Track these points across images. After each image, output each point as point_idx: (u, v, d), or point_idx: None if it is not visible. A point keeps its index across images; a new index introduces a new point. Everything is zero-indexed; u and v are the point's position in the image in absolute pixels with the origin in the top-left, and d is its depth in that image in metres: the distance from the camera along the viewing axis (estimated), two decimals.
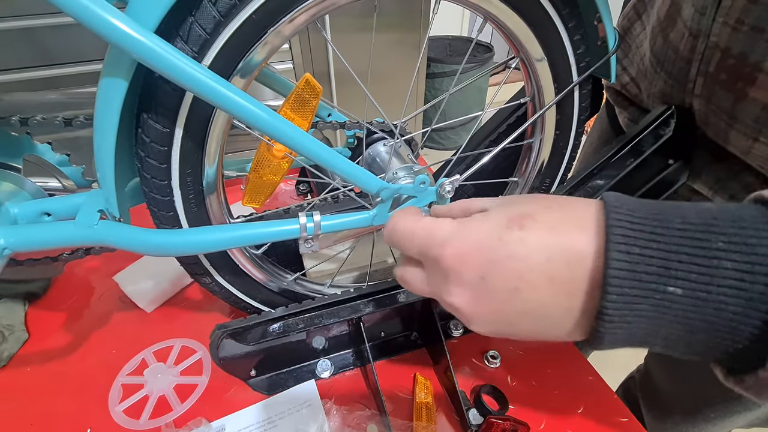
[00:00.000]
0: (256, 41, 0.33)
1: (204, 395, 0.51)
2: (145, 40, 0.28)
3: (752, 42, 0.35)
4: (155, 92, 0.33)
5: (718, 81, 0.39)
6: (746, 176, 0.42)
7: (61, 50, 1.14)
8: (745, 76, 0.36)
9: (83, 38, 1.14)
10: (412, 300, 0.52)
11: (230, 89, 0.31)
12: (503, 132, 0.57)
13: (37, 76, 1.13)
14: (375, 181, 0.40)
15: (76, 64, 1.16)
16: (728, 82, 0.38)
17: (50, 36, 1.12)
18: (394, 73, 1.56)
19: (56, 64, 1.15)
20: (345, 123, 0.52)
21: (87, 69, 1.16)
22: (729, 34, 0.37)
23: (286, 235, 0.40)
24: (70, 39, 1.14)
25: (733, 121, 0.39)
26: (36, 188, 0.41)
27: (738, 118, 0.39)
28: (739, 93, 0.37)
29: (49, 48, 1.14)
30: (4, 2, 1.05)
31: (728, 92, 0.38)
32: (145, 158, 0.35)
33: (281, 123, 0.33)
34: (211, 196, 0.41)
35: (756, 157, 0.39)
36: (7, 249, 0.35)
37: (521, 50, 0.43)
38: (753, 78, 0.36)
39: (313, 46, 1.39)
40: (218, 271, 0.47)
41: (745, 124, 0.38)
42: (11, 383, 0.52)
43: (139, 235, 0.37)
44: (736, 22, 0.36)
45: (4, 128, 0.39)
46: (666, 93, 0.45)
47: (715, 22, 0.37)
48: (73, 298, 0.62)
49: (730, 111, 0.39)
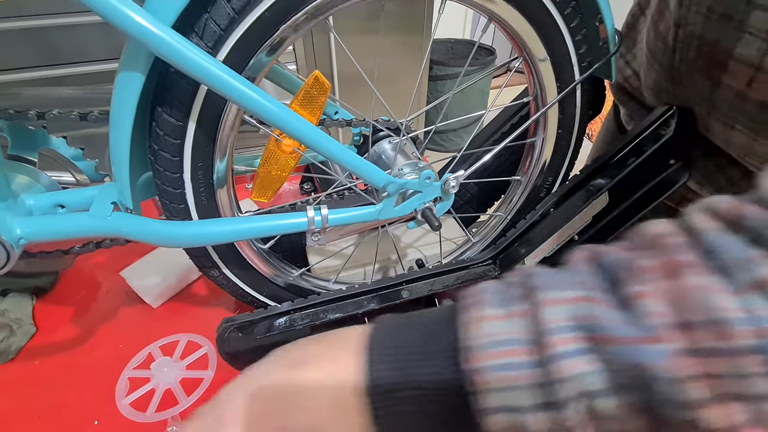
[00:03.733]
0: (268, 38, 0.34)
1: (210, 389, 0.51)
2: (164, 35, 0.29)
3: (722, 29, 0.36)
4: (170, 86, 0.34)
5: (698, 68, 0.40)
6: (730, 169, 0.43)
7: (66, 50, 1.16)
8: (719, 63, 0.37)
9: (88, 38, 1.15)
10: (416, 295, 0.53)
11: (244, 84, 0.32)
12: (506, 131, 0.58)
13: (42, 76, 1.15)
14: (382, 176, 0.41)
15: (81, 64, 1.17)
16: (705, 68, 0.39)
17: (56, 36, 1.13)
18: (396, 75, 1.57)
19: (61, 64, 1.16)
20: (351, 121, 0.53)
21: (92, 69, 1.17)
22: (702, 22, 0.38)
23: (294, 228, 0.41)
24: (76, 39, 1.15)
25: (712, 108, 0.40)
26: (50, 181, 0.42)
27: (716, 105, 0.40)
28: (715, 80, 0.39)
29: (55, 48, 1.15)
30: (9, 3, 1.06)
31: (706, 79, 0.40)
32: (158, 151, 0.36)
33: (293, 117, 0.34)
34: (221, 190, 0.41)
35: (735, 146, 0.40)
36: (23, 239, 0.36)
37: (525, 50, 0.44)
38: (725, 64, 0.37)
39: (317, 47, 1.41)
40: (226, 264, 0.47)
41: (722, 112, 0.39)
42: (19, 376, 0.52)
43: (152, 226, 0.37)
44: (707, 10, 0.37)
45: (21, 122, 0.40)
46: (658, 84, 0.46)
47: (689, 11, 0.39)
48: (81, 292, 0.63)
49: (708, 98, 0.40)
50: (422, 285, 0.54)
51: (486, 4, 0.39)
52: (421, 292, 0.53)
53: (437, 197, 0.46)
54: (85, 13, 1.10)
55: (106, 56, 1.16)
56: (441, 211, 0.48)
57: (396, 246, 0.61)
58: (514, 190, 0.58)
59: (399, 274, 0.54)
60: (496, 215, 0.60)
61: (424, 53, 1.58)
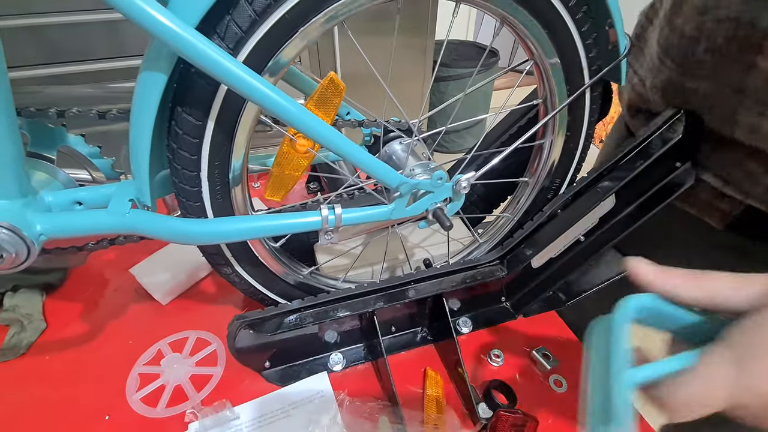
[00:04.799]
0: (287, 40, 0.35)
1: (219, 385, 0.52)
2: (188, 36, 0.29)
3: (761, 8, 0.36)
4: (191, 87, 0.34)
5: (728, 54, 0.40)
6: (749, 163, 0.43)
7: (71, 48, 1.16)
8: (754, 45, 0.37)
9: (93, 36, 1.15)
10: (423, 295, 0.54)
11: (264, 84, 0.33)
12: (515, 133, 0.59)
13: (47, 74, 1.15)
14: (396, 176, 0.42)
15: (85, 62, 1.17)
16: (738, 53, 0.39)
17: (60, 34, 1.14)
18: (401, 76, 1.58)
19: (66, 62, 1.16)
20: (363, 121, 0.54)
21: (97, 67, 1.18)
22: (738, 4, 0.38)
23: (308, 226, 0.41)
24: (80, 37, 1.15)
25: (741, 96, 0.40)
26: (68, 178, 0.43)
27: (746, 92, 0.39)
28: (749, 64, 0.38)
29: (59, 46, 1.15)
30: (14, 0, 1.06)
31: (737, 64, 0.39)
32: (177, 150, 0.37)
33: (311, 118, 0.35)
34: (236, 189, 0.42)
35: (764, 137, 0.40)
36: (43, 235, 0.36)
37: (535, 53, 0.45)
38: (760, 46, 0.37)
39: (321, 49, 1.41)
40: (239, 261, 0.48)
41: (754, 99, 0.39)
42: (30, 371, 0.53)
43: (169, 223, 0.38)
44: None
45: (41, 120, 0.41)
46: (670, 82, 0.46)
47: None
48: (90, 289, 0.63)
49: (738, 85, 0.40)
50: (429, 284, 0.55)
51: (498, 7, 0.40)
52: (429, 292, 0.54)
53: (448, 197, 0.47)
54: (90, 11, 1.10)
55: (110, 54, 1.17)
56: (451, 212, 0.49)
57: (404, 246, 0.61)
58: (521, 192, 0.59)
59: (407, 274, 0.54)
60: (503, 216, 0.61)
61: (428, 55, 1.58)
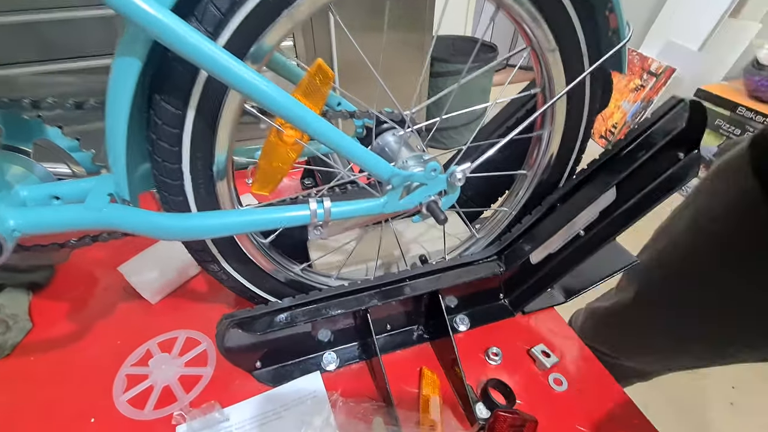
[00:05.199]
0: (271, 23, 0.33)
1: (209, 386, 0.51)
2: (163, 18, 0.28)
3: None
4: (168, 73, 0.33)
5: None
6: None
7: (64, 45, 1.15)
8: None
9: (86, 33, 1.14)
10: (419, 292, 0.52)
11: (247, 70, 0.31)
12: (512, 125, 0.57)
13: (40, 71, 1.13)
14: (387, 168, 0.40)
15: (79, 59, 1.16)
16: None
17: (53, 30, 1.13)
18: (397, 70, 1.56)
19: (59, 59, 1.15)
20: (355, 112, 0.52)
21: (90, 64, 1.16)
22: None
23: (296, 220, 0.40)
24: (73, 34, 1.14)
25: None
26: (45, 172, 0.41)
27: None
28: None
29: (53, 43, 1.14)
30: None
31: None
32: (156, 141, 0.35)
33: (297, 106, 0.33)
34: (221, 183, 0.40)
35: None
36: (16, 231, 0.34)
37: (533, 40, 0.43)
38: None
39: (317, 41, 1.40)
40: (226, 258, 0.46)
41: None
42: (15, 372, 0.51)
43: (149, 218, 0.36)
44: None
45: (15, 111, 0.39)
46: None
47: None
48: (78, 288, 0.62)
49: None
50: (425, 281, 0.53)
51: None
52: (425, 289, 0.52)
53: (442, 190, 0.45)
54: (83, 8, 1.09)
55: (104, 51, 1.16)
56: (446, 205, 0.47)
57: (399, 242, 0.60)
58: (519, 185, 0.57)
59: (402, 271, 0.53)
60: (501, 210, 0.59)
61: (425, 49, 1.57)
